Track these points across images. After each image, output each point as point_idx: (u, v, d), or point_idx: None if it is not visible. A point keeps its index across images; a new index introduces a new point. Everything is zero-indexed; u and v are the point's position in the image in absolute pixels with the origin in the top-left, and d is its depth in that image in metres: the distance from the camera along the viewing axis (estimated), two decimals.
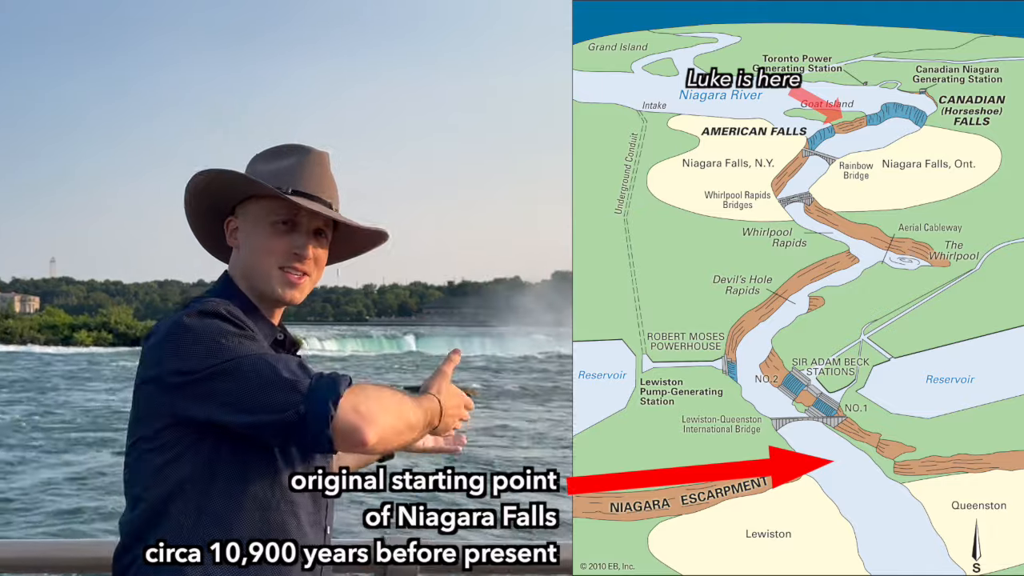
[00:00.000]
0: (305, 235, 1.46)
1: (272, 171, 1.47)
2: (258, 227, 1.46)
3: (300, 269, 1.46)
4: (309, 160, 1.49)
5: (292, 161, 1.48)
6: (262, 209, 1.46)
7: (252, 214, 1.47)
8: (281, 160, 1.49)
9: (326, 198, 1.48)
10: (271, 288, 1.45)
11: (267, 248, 1.45)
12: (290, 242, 1.45)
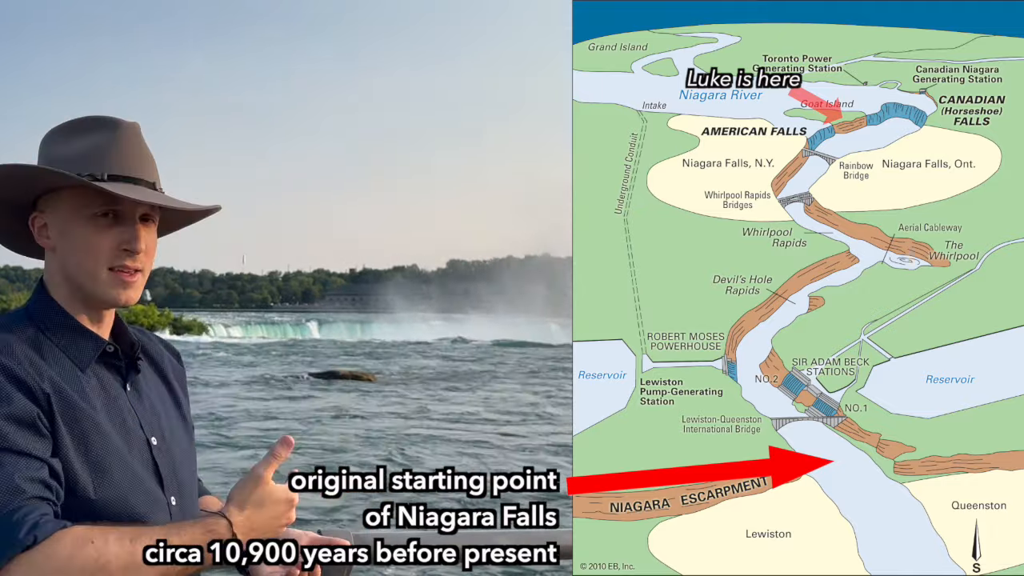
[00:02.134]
0: (132, 225, 1.26)
1: (77, 153, 1.25)
2: (74, 223, 1.25)
3: (132, 267, 1.26)
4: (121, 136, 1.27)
5: (101, 138, 1.26)
6: (74, 201, 1.25)
7: (63, 207, 1.26)
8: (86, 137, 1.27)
9: (148, 178, 1.28)
10: (101, 292, 1.26)
11: (90, 247, 1.24)
12: (116, 236, 1.25)
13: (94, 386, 1.28)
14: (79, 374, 1.26)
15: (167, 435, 1.37)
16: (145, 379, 1.40)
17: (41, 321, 1.27)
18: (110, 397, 1.30)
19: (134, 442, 1.30)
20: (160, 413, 1.38)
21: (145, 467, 1.30)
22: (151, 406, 1.37)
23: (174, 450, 1.37)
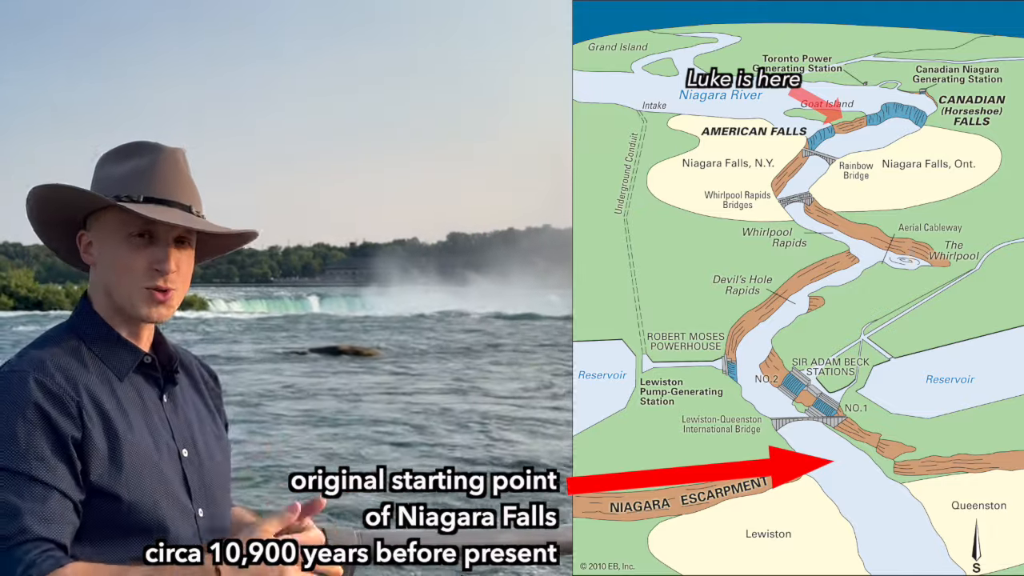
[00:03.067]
0: (165, 247, 1.33)
1: (121, 176, 1.34)
2: (113, 242, 1.33)
3: (164, 287, 1.33)
4: (162, 161, 1.35)
5: (143, 163, 1.35)
6: (115, 221, 1.33)
7: (106, 227, 1.34)
8: (130, 161, 1.35)
9: (184, 201, 1.35)
10: (135, 308, 1.33)
11: (125, 265, 1.32)
12: (150, 256, 1.32)
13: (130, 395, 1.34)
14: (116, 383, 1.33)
15: (199, 448, 1.41)
16: (182, 392, 1.44)
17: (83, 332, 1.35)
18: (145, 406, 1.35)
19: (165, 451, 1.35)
20: (194, 426, 1.43)
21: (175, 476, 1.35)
22: (186, 418, 1.42)
23: (206, 463, 1.41)
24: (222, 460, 1.47)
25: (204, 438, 1.44)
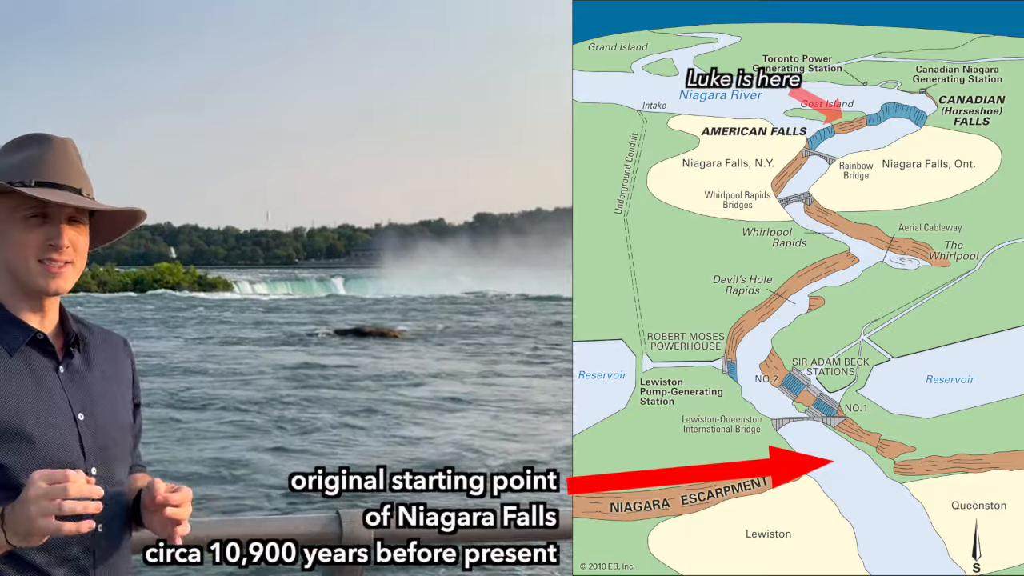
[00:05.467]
0: (57, 225, 1.47)
1: (15, 164, 1.48)
2: (9, 224, 1.47)
3: (59, 259, 1.47)
4: (53, 149, 1.50)
5: (34, 152, 1.49)
6: (10, 205, 1.47)
7: (2, 212, 1.48)
8: (22, 152, 1.50)
9: (75, 185, 1.49)
10: (33, 280, 1.46)
11: (22, 242, 1.46)
12: (44, 234, 1.46)
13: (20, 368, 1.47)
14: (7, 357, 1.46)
15: (98, 412, 1.53)
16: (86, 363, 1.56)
17: None
18: (37, 377, 1.48)
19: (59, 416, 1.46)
20: (95, 392, 1.54)
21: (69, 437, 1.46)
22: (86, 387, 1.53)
23: (105, 425, 1.53)
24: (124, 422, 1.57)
25: (106, 402, 1.55)
